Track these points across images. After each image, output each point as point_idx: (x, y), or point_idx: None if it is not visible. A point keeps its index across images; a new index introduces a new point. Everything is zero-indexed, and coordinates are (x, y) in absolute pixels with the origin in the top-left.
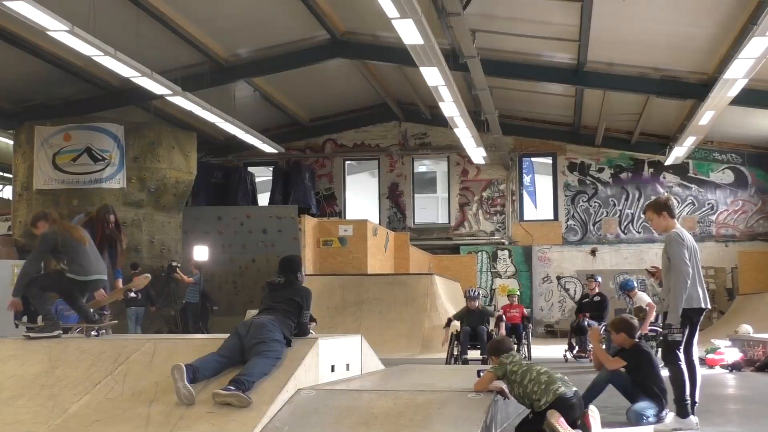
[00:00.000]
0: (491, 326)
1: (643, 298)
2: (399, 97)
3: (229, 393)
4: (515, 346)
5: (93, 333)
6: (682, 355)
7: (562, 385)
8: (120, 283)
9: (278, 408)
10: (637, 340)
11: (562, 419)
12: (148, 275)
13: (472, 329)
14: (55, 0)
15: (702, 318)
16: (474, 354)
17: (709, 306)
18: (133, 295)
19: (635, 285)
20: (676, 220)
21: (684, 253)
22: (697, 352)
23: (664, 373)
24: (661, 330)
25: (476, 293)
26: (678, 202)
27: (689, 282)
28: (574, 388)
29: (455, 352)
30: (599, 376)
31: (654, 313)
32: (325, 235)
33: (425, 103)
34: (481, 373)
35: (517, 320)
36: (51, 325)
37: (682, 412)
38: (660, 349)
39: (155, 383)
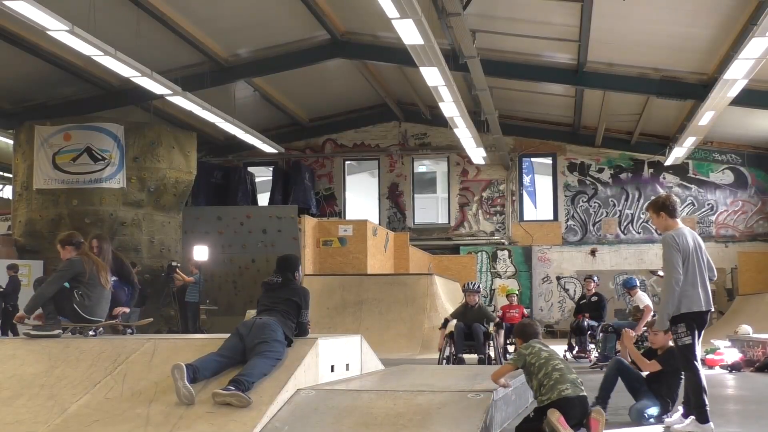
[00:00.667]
0: (490, 328)
1: (642, 298)
2: (399, 97)
3: (228, 393)
4: (540, 332)
5: (90, 333)
6: (698, 362)
7: (571, 387)
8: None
9: (278, 408)
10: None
11: (562, 418)
12: (151, 319)
13: (467, 327)
14: (55, 0)
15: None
16: (469, 356)
17: (712, 308)
18: (129, 331)
19: (636, 283)
20: (677, 220)
21: (676, 258)
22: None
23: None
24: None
25: (476, 286)
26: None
27: (678, 288)
28: (582, 393)
29: (447, 352)
30: (607, 370)
31: (650, 316)
32: (325, 235)
33: (425, 104)
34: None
35: (517, 320)
36: (51, 324)
37: (702, 418)
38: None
39: (155, 383)
